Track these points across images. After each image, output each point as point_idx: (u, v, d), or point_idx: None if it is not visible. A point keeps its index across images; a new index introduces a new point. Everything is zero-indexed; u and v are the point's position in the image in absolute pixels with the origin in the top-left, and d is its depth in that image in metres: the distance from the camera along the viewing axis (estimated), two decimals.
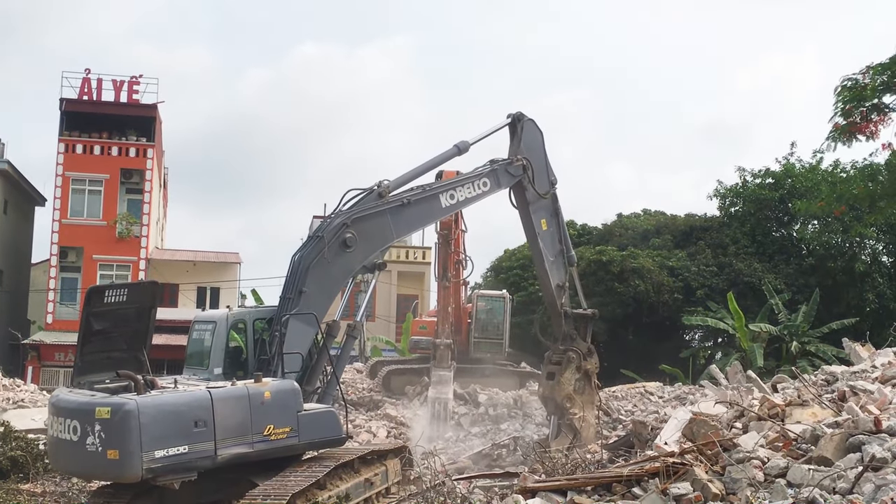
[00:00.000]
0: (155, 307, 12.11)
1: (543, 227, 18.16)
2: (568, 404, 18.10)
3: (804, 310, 39.81)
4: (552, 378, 18.34)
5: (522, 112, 17.71)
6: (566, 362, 18.25)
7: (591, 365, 18.83)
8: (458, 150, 16.29)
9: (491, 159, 16.96)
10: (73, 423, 10.62)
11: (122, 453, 10.36)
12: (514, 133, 17.64)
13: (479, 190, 16.37)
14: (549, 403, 18.57)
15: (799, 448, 10.01)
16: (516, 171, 17.22)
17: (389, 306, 51.67)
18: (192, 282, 47.12)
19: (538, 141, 18.03)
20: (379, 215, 14.36)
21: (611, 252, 46.78)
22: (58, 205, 45.28)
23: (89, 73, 45.62)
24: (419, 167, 15.58)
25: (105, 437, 10.35)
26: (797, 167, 47.66)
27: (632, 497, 9.19)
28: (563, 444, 17.35)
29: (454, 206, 15.98)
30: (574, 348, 18.56)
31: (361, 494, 12.84)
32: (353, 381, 27.98)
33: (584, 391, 18.49)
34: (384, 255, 14.83)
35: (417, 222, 15.59)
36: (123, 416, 10.37)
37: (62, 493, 15.52)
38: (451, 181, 16.05)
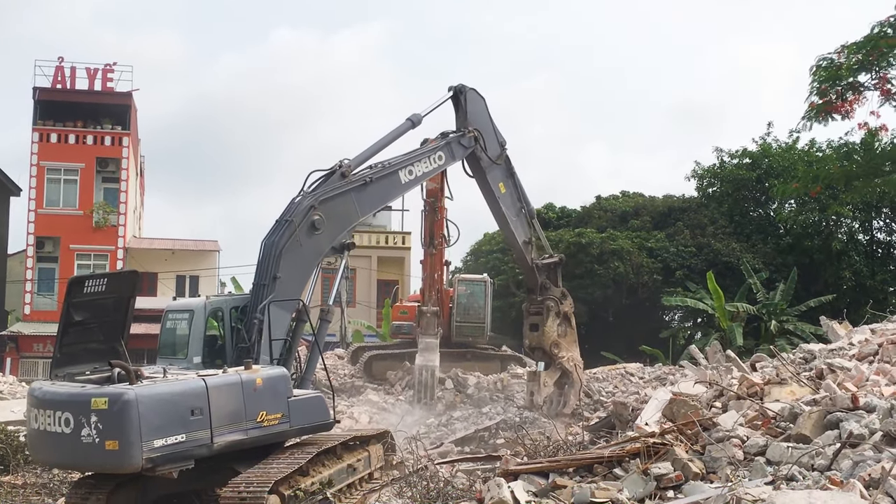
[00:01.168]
0: (134, 297, 12.02)
1: (502, 190, 18.80)
2: (556, 350, 19.25)
3: (782, 288, 40.10)
4: (536, 329, 19.32)
5: (463, 83, 18.16)
6: (546, 311, 19.30)
7: (568, 307, 20.04)
8: (412, 123, 16.67)
9: (442, 132, 17.38)
10: (64, 415, 10.48)
11: (121, 444, 10.26)
12: (458, 105, 18.15)
13: (436, 164, 16.83)
14: (536, 352, 19.52)
15: (778, 426, 10.09)
16: (469, 142, 17.76)
17: (370, 292, 51.61)
18: (171, 270, 46.88)
19: (482, 108, 18.50)
20: (344, 195, 14.43)
21: (590, 234, 46.92)
22: (33, 195, 44.92)
23: (63, 62, 45.23)
24: (377, 143, 15.79)
25: (103, 427, 10.25)
26: (774, 147, 47.93)
27: (613, 478, 9.24)
28: (553, 376, 18.90)
29: (413, 181, 16.29)
30: (550, 296, 19.53)
31: (344, 480, 12.86)
32: (335, 367, 27.92)
33: (566, 333, 19.77)
34: (351, 236, 14.88)
35: (380, 200, 15.77)
36: (122, 405, 10.28)
37: (43, 485, 15.44)
38: (408, 157, 16.24)
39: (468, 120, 17.88)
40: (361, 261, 48.38)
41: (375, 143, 15.72)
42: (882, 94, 28.27)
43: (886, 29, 27.34)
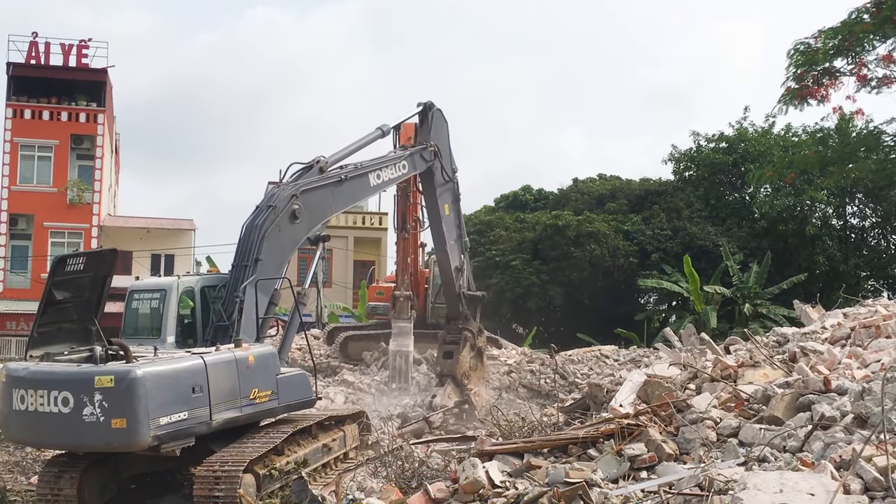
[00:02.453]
0: (111, 276, 11.93)
1: (446, 212, 19.27)
2: (465, 381, 19.50)
3: (756, 270, 40.39)
4: (450, 356, 19.59)
5: (433, 102, 18.82)
6: (463, 341, 19.56)
7: (482, 343, 20.51)
8: (382, 132, 17.32)
9: (402, 144, 18.04)
10: (62, 395, 10.36)
11: (129, 422, 10.22)
12: (423, 121, 18.69)
13: (400, 172, 17.34)
14: (444, 379, 19.68)
15: (750, 408, 10.19)
16: (429, 156, 18.32)
17: (346, 272, 51.50)
18: (146, 249, 46.55)
19: (445, 130, 19.19)
20: (322, 189, 14.74)
21: (567, 217, 47.03)
22: (7, 171, 44.39)
23: (37, 37, 44.60)
24: (351, 146, 16.31)
25: (108, 406, 10.19)
26: (750, 131, 48.14)
27: (587, 458, 9.30)
28: (457, 395, 19.13)
29: (380, 185, 16.86)
30: (469, 328, 19.81)
31: (319, 460, 12.89)
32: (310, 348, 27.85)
33: (477, 367, 20.14)
34: (324, 228, 15.12)
35: (351, 198, 16.16)
36: (130, 383, 10.23)
37: (16, 463, 15.38)
38: (376, 162, 16.70)
39: (430, 136, 18.45)
40: (338, 241, 48.25)
41: (349, 146, 16.23)
42: (858, 79, 28.47)
43: (863, 15, 27.50)
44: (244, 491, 10.63)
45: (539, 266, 46.14)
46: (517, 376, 23.79)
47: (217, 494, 10.61)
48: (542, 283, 45.77)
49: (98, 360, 10.77)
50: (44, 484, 11.52)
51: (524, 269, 46.15)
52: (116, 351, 10.97)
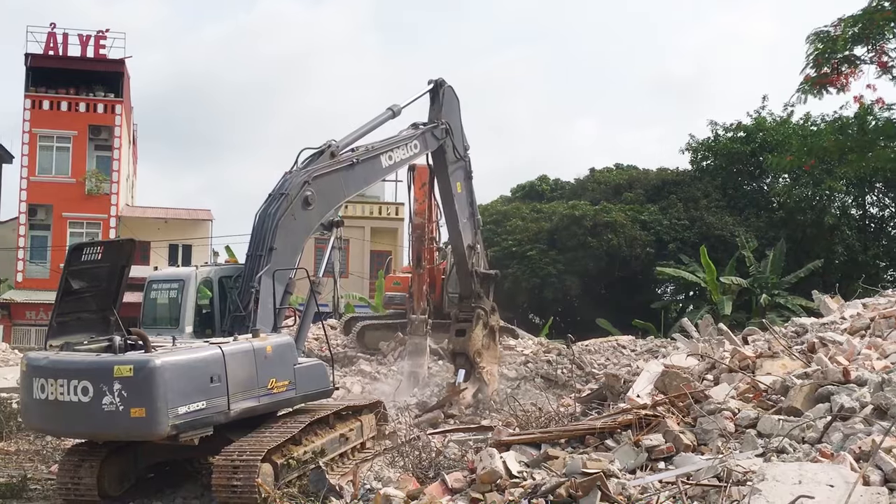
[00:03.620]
0: (129, 266, 11.99)
1: (458, 190, 19.05)
2: (478, 359, 19.23)
3: (771, 258, 40.15)
4: (462, 334, 19.31)
5: (443, 78, 18.55)
6: (476, 319, 19.31)
7: (495, 321, 20.21)
8: (393, 113, 17.02)
9: (413, 123, 17.73)
10: (81, 384, 10.42)
11: (149, 410, 10.27)
12: (434, 98, 18.43)
13: (412, 152, 17.19)
14: (458, 358, 19.48)
15: (769, 399, 10.13)
16: (440, 134, 18.11)
17: (363, 263, 51.59)
18: (164, 239, 46.76)
19: (456, 106, 18.95)
20: (334, 174, 14.63)
21: (583, 207, 46.93)
22: (25, 162, 44.68)
23: (55, 28, 44.87)
24: (362, 128, 16.12)
25: (128, 395, 10.24)
26: (769, 121, 47.82)
27: (605, 449, 9.27)
28: (471, 389, 18.92)
29: (392, 166, 16.70)
30: (481, 306, 19.58)
31: (337, 450, 12.91)
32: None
33: (490, 346, 19.87)
34: (338, 213, 15.09)
35: (363, 181, 16.00)
36: (148, 372, 10.28)
37: (36, 452, 15.50)
38: (388, 143, 16.56)
39: (441, 114, 18.26)
40: (355, 231, 48.34)
41: (360, 129, 16.05)
42: (879, 66, 28.23)
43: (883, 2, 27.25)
44: (262, 480, 10.67)
45: (556, 256, 46.08)
46: (534, 366, 23.80)
47: (235, 483, 10.66)
48: (558, 272, 45.71)
49: (117, 349, 10.82)
50: (64, 472, 11.61)
51: (541, 259, 46.11)
52: (135, 340, 11.02)
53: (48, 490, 12.49)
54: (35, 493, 12.49)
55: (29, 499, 12.20)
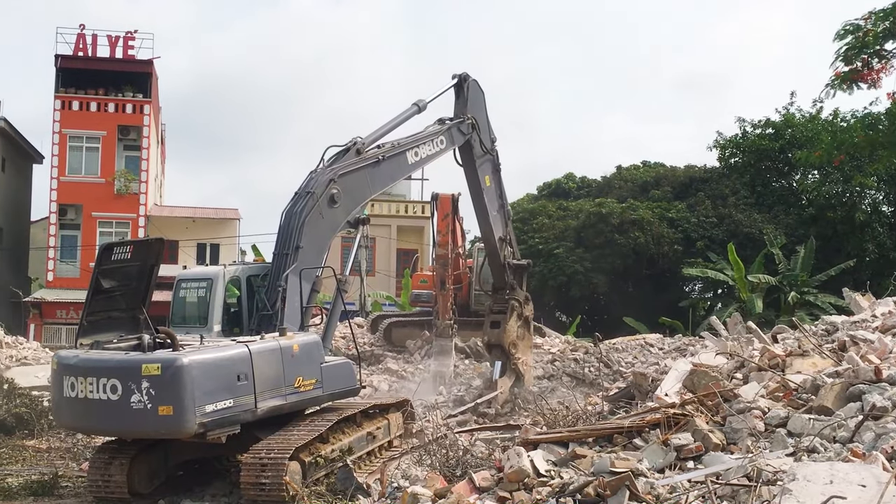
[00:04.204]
0: (158, 265, 12.08)
1: (487, 183, 19.00)
2: (513, 350, 19.29)
3: (801, 257, 39.81)
4: (497, 326, 19.31)
5: (467, 73, 18.46)
6: (510, 310, 19.31)
7: (529, 311, 20.16)
8: (418, 108, 16.95)
9: (439, 118, 17.65)
10: (110, 382, 10.51)
11: (176, 409, 10.35)
12: (459, 93, 18.37)
13: (438, 148, 17.10)
14: (493, 350, 19.54)
15: (799, 398, 10.04)
16: (467, 129, 18.04)
17: (389, 261, 51.67)
18: (192, 238, 47.07)
19: (481, 100, 18.87)
20: (359, 171, 14.61)
21: (610, 204, 46.76)
22: (56, 162, 45.12)
23: (84, 29, 45.22)
24: (388, 124, 16.06)
25: (155, 393, 10.32)
26: (797, 117, 47.41)
27: (633, 448, 9.23)
28: (508, 383, 18.97)
29: (418, 162, 16.66)
30: (515, 297, 19.60)
31: (364, 448, 12.96)
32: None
33: (524, 337, 19.93)
34: (365, 211, 15.08)
35: (390, 178, 15.97)
36: (176, 371, 10.36)
37: (67, 449, 15.64)
38: (414, 139, 16.53)
39: (467, 108, 18.19)
40: (381, 230, 48.42)
41: (385, 125, 15.99)
42: None
43: None
44: (290, 478, 10.73)
45: (582, 254, 45.95)
46: (561, 365, 23.76)
47: (263, 481, 10.72)
48: (585, 270, 45.58)
49: (146, 348, 10.90)
50: (94, 470, 11.71)
51: (567, 256, 45.99)
52: (164, 339, 11.09)
53: (79, 487, 12.60)
54: (66, 490, 12.60)
55: (60, 496, 12.31)
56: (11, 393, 17.50)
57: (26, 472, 13.73)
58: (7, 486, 12.39)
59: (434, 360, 23.07)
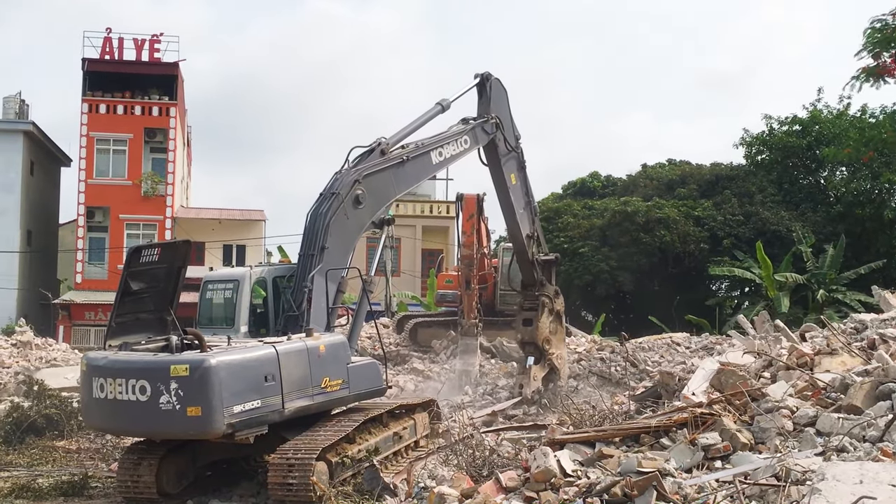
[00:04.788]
0: (185, 267, 12.16)
1: (513, 181, 18.98)
2: (547, 346, 19.42)
3: (831, 254, 39.48)
4: (529, 323, 19.41)
5: (490, 72, 18.45)
6: (541, 307, 19.41)
7: (560, 305, 20.21)
8: (442, 107, 16.95)
9: (463, 118, 17.64)
10: (139, 383, 10.56)
11: (204, 409, 10.39)
12: (482, 92, 18.35)
13: (462, 147, 17.07)
14: (527, 347, 19.67)
15: (828, 397, 9.97)
16: (491, 128, 18.01)
17: (414, 261, 51.72)
18: (218, 240, 47.35)
19: (504, 98, 18.85)
20: (384, 171, 14.61)
21: (636, 203, 46.57)
22: (83, 165, 45.54)
23: (110, 33, 45.60)
24: (412, 124, 16.07)
25: (184, 394, 10.36)
26: (824, 113, 47.00)
27: (660, 448, 9.20)
28: (542, 372, 19.29)
29: (442, 162, 16.63)
30: (545, 293, 19.64)
31: (390, 448, 12.97)
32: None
33: (557, 331, 19.98)
34: (390, 212, 15.11)
35: (414, 178, 15.95)
36: (204, 372, 10.40)
37: (97, 450, 15.78)
38: (438, 139, 16.52)
39: (490, 108, 18.18)
40: (406, 230, 48.48)
41: (409, 125, 16.01)
42: None
43: None
44: (317, 479, 10.75)
45: (608, 253, 45.81)
46: (587, 364, 23.69)
47: (290, 482, 10.75)
48: (611, 269, 45.45)
49: (174, 349, 10.97)
50: (123, 471, 11.80)
51: (593, 255, 45.87)
52: (191, 340, 11.16)
53: (109, 488, 12.71)
54: (96, 490, 12.71)
55: (90, 496, 12.42)
56: (41, 394, 17.66)
57: (56, 472, 13.86)
58: (38, 487, 12.51)
59: (459, 360, 23.12)
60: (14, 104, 47.02)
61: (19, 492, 12.26)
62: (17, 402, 17.62)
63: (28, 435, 16.24)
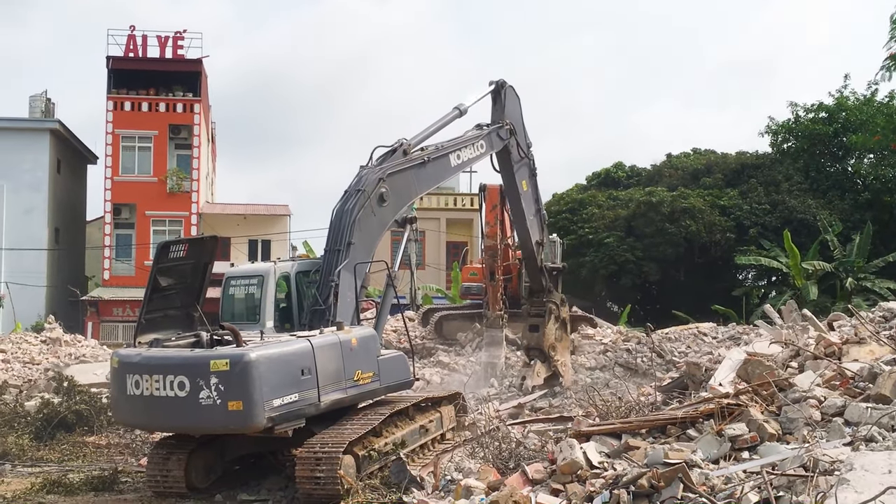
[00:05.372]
0: (212, 262, 12.25)
1: (524, 188, 19.25)
2: (552, 352, 19.81)
3: (858, 242, 39.10)
4: (536, 329, 19.83)
5: (504, 79, 18.69)
6: (547, 314, 19.79)
7: (566, 314, 20.71)
8: (460, 112, 17.23)
9: (477, 124, 17.87)
10: (177, 379, 10.64)
11: (245, 403, 10.49)
12: (496, 99, 18.60)
13: (478, 152, 17.32)
14: (533, 352, 20.03)
15: (856, 386, 9.89)
16: (505, 134, 18.25)
17: (439, 254, 51.76)
18: (244, 235, 47.57)
19: (517, 106, 19.06)
20: (406, 171, 14.82)
21: (661, 193, 46.33)
22: (109, 162, 45.91)
23: (134, 31, 45.87)
24: (431, 127, 16.34)
25: (224, 389, 10.46)
26: (851, 100, 46.51)
27: (687, 439, 9.16)
28: (545, 371, 19.63)
29: (460, 165, 16.85)
30: (552, 300, 19.99)
31: (417, 441, 13.01)
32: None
33: (562, 338, 20.44)
34: (412, 210, 15.26)
35: (434, 180, 16.21)
36: (245, 366, 10.50)
37: (126, 445, 15.93)
38: (456, 143, 16.72)
39: (504, 114, 18.41)
40: (430, 223, 48.53)
41: (429, 127, 16.29)
42: None
43: None
44: (344, 472, 10.81)
45: (633, 243, 45.65)
46: (613, 355, 23.65)
47: (318, 475, 10.82)
48: (636, 260, 45.28)
49: (205, 344, 11.04)
50: (153, 465, 11.93)
51: (618, 246, 45.72)
52: (221, 336, 11.22)
53: (138, 483, 12.84)
54: (126, 485, 12.85)
55: (120, 491, 12.55)
56: (71, 390, 17.85)
57: (87, 467, 14.04)
58: (69, 482, 12.66)
59: (485, 352, 23.18)
60: (40, 103, 47.41)
61: (51, 487, 12.42)
62: (48, 398, 17.84)
63: (58, 431, 16.42)
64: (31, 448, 15.42)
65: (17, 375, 22.40)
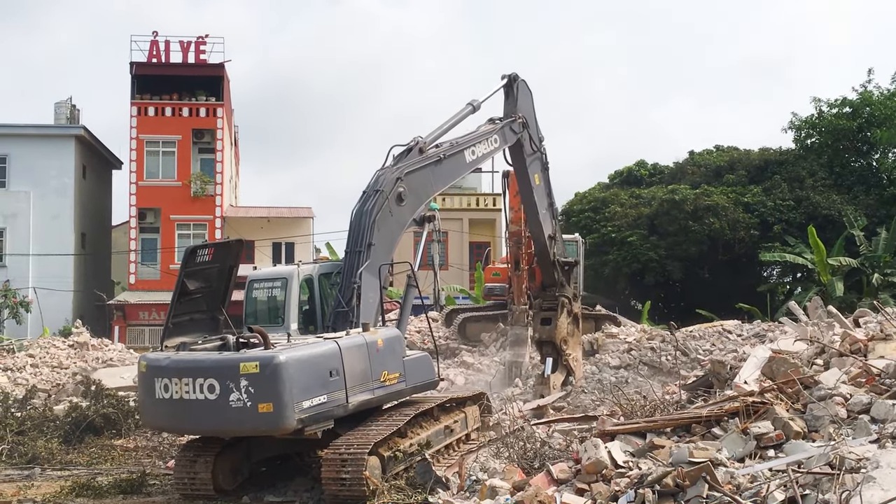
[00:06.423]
0: (237, 266, 12.35)
1: (536, 182, 19.20)
2: (564, 346, 19.72)
3: (884, 237, 38.77)
4: (548, 323, 19.72)
5: (516, 73, 18.67)
6: (560, 308, 19.68)
7: (578, 308, 20.71)
8: (473, 108, 17.18)
9: (490, 118, 17.85)
10: (207, 382, 10.74)
11: (276, 406, 10.56)
12: (509, 93, 18.57)
13: (492, 146, 17.33)
14: (544, 346, 19.93)
15: (882, 383, 9.84)
16: (518, 128, 18.22)
17: (462, 254, 51.76)
18: (267, 238, 47.79)
19: (530, 100, 19.05)
20: (423, 169, 14.81)
21: (683, 190, 46.12)
22: (134, 167, 46.24)
23: (157, 36, 46.20)
24: (446, 124, 16.29)
25: (255, 391, 10.54)
26: (875, 95, 46.11)
27: (711, 437, 9.16)
28: (560, 378, 19.44)
29: (475, 160, 16.84)
30: (564, 294, 19.93)
31: (442, 441, 13.05)
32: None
33: (574, 333, 20.42)
34: (430, 208, 15.30)
35: (450, 177, 16.16)
36: (275, 369, 10.58)
37: (153, 448, 16.07)
38: (470, 138, 16.71)
39: (517, 108, 18.40)
40: (453, 223, 48.55)
41: (443, 124, 16.26)
42: None
43: None
44: (370, 473, 10.86)
45: (656, 241, 45.47)
46: (637, 354, 23.57)
47: (344, 476, 10.87)
48: (659, 258, 45.11)
49: (232, 347, 11.12)
50: (180, 468, 12.02)
51: (641, 244, 45.56)
52: (247, 338, 11.30)
53: (166, 485, 12.95)
54: (154, 488, 12.96)
55: (148, 494, 12.66)
56: (99, 394, 18.04)
57: (115, 470, 14.17)
58: (97, 485, 12.78)
59: (509, 351, 23.11)
60: (65, 109, 47.82)
61: (80, 490, 12.55)
62: (76, 402, 18.04)
63: (87, 434, 16.58)
64: (60, 452, 15.58)
65: (45, 380, 22.67)
